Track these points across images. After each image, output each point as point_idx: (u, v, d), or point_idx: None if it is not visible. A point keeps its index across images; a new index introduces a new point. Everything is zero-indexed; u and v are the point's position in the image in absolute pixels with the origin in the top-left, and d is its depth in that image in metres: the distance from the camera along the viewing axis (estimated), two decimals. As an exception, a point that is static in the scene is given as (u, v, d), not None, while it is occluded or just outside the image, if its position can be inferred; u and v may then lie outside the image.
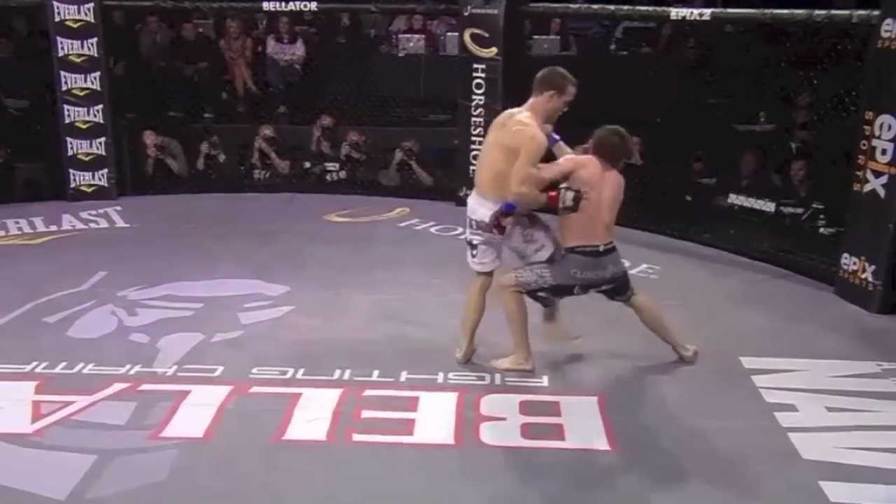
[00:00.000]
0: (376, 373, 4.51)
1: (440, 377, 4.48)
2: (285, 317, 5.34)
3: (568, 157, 4.39)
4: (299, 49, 9.39)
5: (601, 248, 4.25)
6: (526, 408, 4.17)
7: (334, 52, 9.60)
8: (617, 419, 4.05)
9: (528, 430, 3.96)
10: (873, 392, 4.34)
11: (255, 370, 4.52)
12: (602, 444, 3.86)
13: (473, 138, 7.87)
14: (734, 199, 6.84)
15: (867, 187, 5.38)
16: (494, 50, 7.65)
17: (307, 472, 3.61)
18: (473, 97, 7.83)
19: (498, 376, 4.50)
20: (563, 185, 4.24)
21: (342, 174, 8.79)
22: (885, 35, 5.23)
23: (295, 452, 3.75)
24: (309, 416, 4.05)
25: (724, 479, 3.60)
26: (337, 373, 4.50)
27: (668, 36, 8.57)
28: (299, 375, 4.48)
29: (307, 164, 8.90)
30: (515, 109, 4.37)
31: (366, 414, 4.09)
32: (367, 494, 3.44)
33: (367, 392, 4.31)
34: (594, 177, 4.22)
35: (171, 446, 3.76)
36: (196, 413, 4.05)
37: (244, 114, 9.32)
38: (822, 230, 6.14)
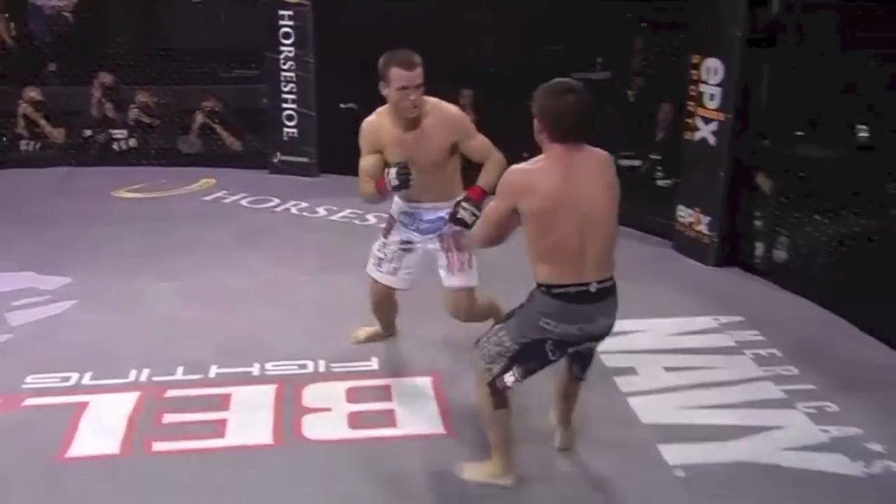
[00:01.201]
0: (180, 370, 4.40)
1: (255, 369, 4.43)
2: (66, 313, 5.13)
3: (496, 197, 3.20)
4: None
5: (593, 289, 3.06)
6: (354, 395, 4.19)
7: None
8: (453, 400, 4.09)
9: (356, 420, 3.97)
10: (711, 348, 4.64)
11: (29, 379, 4.30)
12: (438, 428, 3.92)
13: (285, 96, 7.82)
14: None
15: (698, 135, 5.69)
16: (304, -7, 7.58)
17: (98, 493, 3.45)
18: (282, 49, 7.75)
19: (322, 363, 4.47)
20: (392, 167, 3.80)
21: (132, 142, 8.51)
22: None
23: (82, 471, 3.58)
24: (98, 428, 3.90)
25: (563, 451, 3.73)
26: (133, 374, 4.36)
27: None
28: (86, 381, 4.31)
29: (88, 132, 8.54)
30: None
31: (168, 418, 3.98)
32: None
33: (170, 393, 4.20)
34: (552, 183, 2.94)
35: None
36: (-49, 438, 3.80)
37: (3, 74, 8.76)
38: (659, 182, 6.44)
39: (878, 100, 4.92)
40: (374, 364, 4.48)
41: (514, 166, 3.11)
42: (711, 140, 5.59)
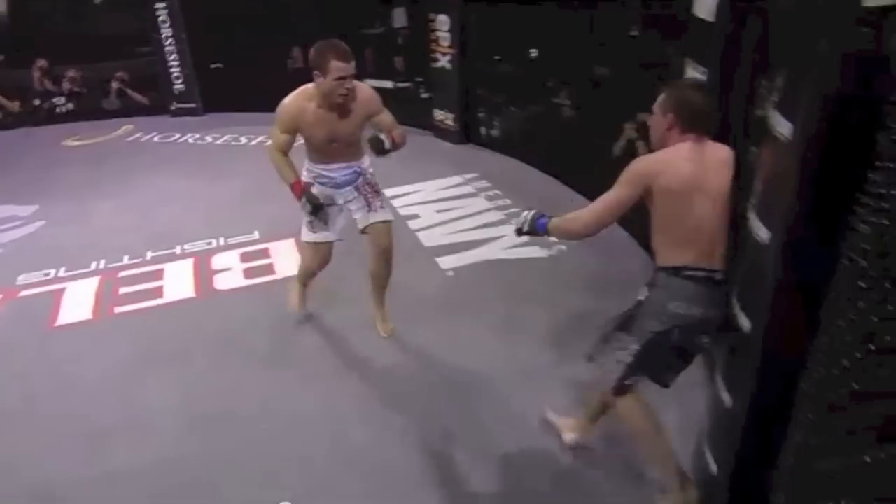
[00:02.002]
0: (126, 257, 4.04)
1: (178, 249, 4.11)
2: (39, 230, 4.55)
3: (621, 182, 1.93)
4: (1, 4, 7.55)
5: (718, 277, 1.91)
6: (245, 257, 3.98)
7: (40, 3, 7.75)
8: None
9: (248, 273, 3.80)
10: (460, 195, 4.66)
11: (21, 277, 3.86)
12: (300, 270, 3.83)
13: (171, 63, 6.99)
14: (367, 82, 6.72)
15: (439, 64, 5.50)
16: (169, -9, 6.65)
17: (81, 346, 3.20)
18: (162, 30, 6.84)
19: (222, 239, 4.17)
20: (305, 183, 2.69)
21: (70, 106, 7.36)
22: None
23: (68, 334, 3.31)
24: (75, 303, 3.56)
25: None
26: (93, 265, 3.97)
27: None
28: (61, 273, 3.89)
29: (36, 101, 7.32)
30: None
31: (123, 290, 3.68)
32: (134, 352, 3.12)
33: (122, 274, 3.86)
34: (688, 167, 1.87)
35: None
36: (-28, 323, 3.38)
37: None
38: (422, 96, 6.24)
39: (541, 32, 4.88)
40: (256, 235, 4.23)
41: (643, 156, 1.99)
42: (448, 67, 5.43)
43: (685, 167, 1.87)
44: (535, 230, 2.12)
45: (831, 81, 1.32)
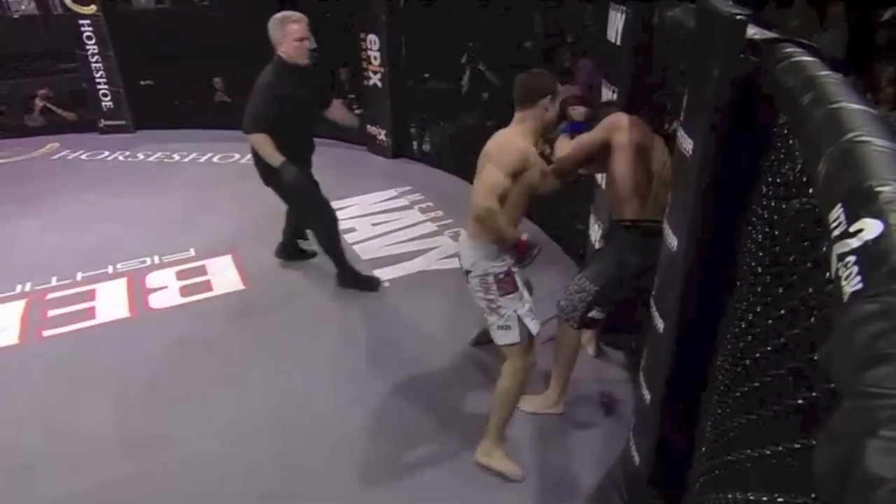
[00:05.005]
0: (54, 279, 3.78)
1: (110, 269, 3.89)
2: (-41, 254, 4.18)
3: (588, 134, 2.38)
4: None
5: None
6: (182, 275, 3.80)
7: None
8: (247, 267, 3.83)
9: (185, 291, 3.63)
10: (396, 207, 4.64)
11: (-62, 305, 3.51)
12: (240, 286, 3.67)
13: (98, 80, 6.57)
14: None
15: (371, 82, 5.46)
16: (94, 7, 6.26)
17: (7, 370, 2.96)
18: (87, 47, 6.43)
19: (156, 257, 3.98)
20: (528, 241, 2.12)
21: (-12, 123, 6.85)
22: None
23: (-8, 362, 3.05)
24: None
25: (319, 288, 3.62)
26: (18, 287, 3.69)
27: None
28: (-18, 299, 3.59)
29: (-47, 121, 6.77)
30: (503, 131, 2.18)
31: (52, 313, 3.44)
32: (65, 376, 2.93)
33: (50, 296, 3.61)
34: (643, 137, 2.27)
35: None
36: None
37: None
38: (356, 111, 6.18)
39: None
40: (192, 252, 4.05)
41: (603, 124, 2.39)
42: (379, 84, 5.40)
43: (625, 139, 2.29)
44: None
45: (723, 100, 1.41)
